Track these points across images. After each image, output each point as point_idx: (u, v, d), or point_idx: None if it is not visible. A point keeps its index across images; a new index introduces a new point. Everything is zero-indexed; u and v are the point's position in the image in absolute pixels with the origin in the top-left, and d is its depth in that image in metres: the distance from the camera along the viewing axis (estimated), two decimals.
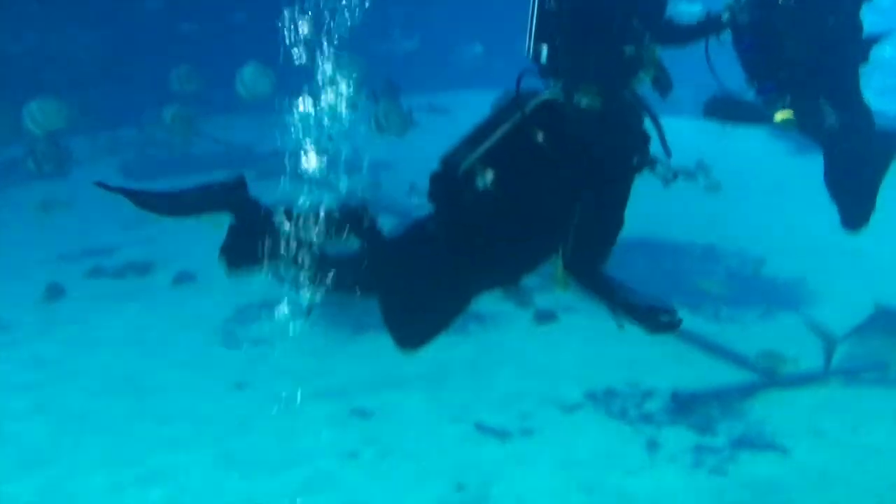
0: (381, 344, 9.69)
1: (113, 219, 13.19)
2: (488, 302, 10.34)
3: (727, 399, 7.83)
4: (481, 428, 7.45)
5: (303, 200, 3.78)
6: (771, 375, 8.06)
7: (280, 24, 4.39)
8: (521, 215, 3.61)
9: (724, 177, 14.16)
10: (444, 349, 9.58)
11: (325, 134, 4.19)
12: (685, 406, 7.69)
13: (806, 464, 6.63)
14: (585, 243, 3.70)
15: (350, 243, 3.74)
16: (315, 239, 3.59)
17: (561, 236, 3.71)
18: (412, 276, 3.69)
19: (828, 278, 10.79)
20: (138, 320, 9.84)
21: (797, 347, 8.35)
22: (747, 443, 7.04)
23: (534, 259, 3.81)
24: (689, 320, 9.89)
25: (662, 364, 8.81)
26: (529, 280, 11.24)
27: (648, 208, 4.77)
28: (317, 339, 9.65)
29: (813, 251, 11.59)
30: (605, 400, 8.03)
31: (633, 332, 10.49)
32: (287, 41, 4.41)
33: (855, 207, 5.36)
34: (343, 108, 4.27)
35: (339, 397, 8.01)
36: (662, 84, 3.68)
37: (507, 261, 3.75)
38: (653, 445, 7.07)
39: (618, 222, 3.81)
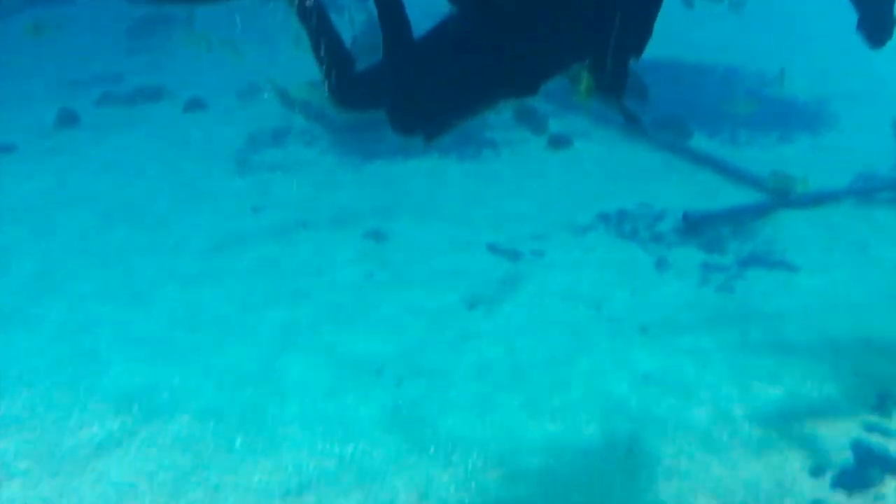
0: (394, 171, 9.76)
1: (116, 45, 12.92)
2: (503, 128, 10.27)
3: (739, 219, 7.87)
4: (494, 249, 7.58)
5: None
6: (784, 195, 8.05)
7: None
8: (548, 13, 3.44)
9: None
10: (457, 175, 9.67)
11: None
12: (696, 226, 7.74)
13: (812, 280, 6.74)
14: (620, 53, 3.55)
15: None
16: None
17: (589, 42, 3.55)
18: (433, 75, 3.56)
19: (847, 102, 10.55)
20: (151, 147, 9.86)
21: (811, 170, 8.31)
22: (755, 261, 7.13)
23: (556, 64, 3.67)
24: (707, 143, 9.89)
25: (676, 187, 8.82)
26: (545, 105, 11.09)
27: (672, 26, 4.61)
28: (329, 166, 9.68)
29: (833, 74, 11.28)
30: (616, 221, 8.11)
31: (647, 157, 10.47)
32: None
33: (878, 22, 5.15)
34: None
35: (352, 221, 8.13)
36: None
37: (530, 62, 3.60)
38: (662, 264, 7.18)
39: (649, 32, 3.63)
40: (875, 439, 4.67)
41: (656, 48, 3.97)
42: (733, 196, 8.35)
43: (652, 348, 5.78)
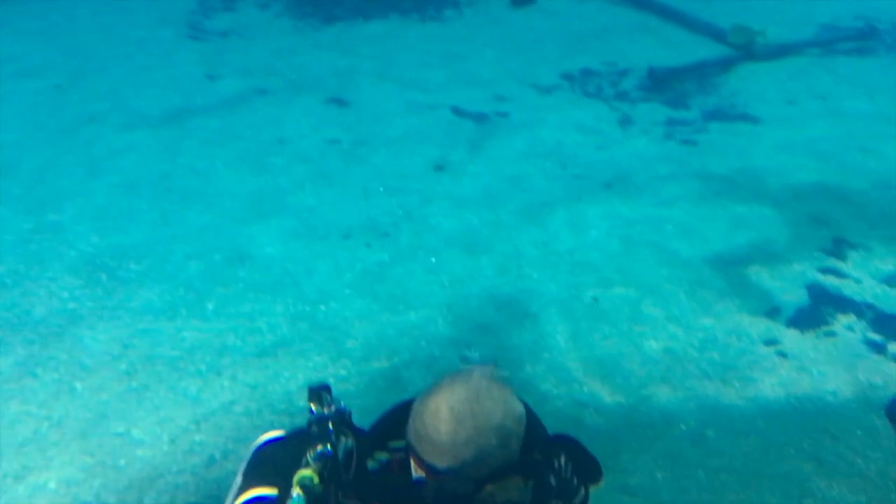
0: (353, 34, 9.46)
1: None
2: None
3: (703, 73, 7.83)
4: (458, 112, 7.50)
5: None
6: (748, 49, 7.99)
7: None
8: None
9: None
10: (419, 36, 9.42)
11: None
12: (661, 82, 7.70)
13: (773, 131, 6.79)
14: None
15: None
16: None
17: None
18: None
19: None
20: (93, 14, 9.44)
21: (775, 21, 8.21)
22: (719, 114, 7.15)
23: None
24: None
25: (641, 43, 8.70)
26: None
27: None
28: (285, 29, 9.36)
29: None
30: (581, 80, 8.03)
31: (612, 13, 10.24)
32: None
33: None
34: None
35: (313, 87, 7.95)
36: None
37: None
38: (627, 121, 7.18)
39: None
40: (829, 281, 4.84)
41: None
42: (698, 50, 8.28)
43: (616, 202, 5.85)
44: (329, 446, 1.76)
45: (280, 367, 4.31)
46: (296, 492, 1.69)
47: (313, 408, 1.91)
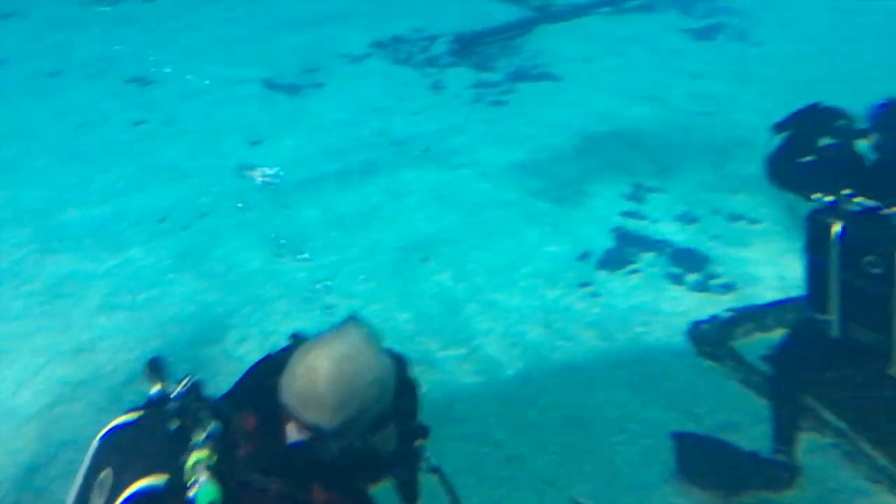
0: (146, 9, 9.03)
1: None
2: None
3: (506, 37, 8.13)
4: (271, 85, 7.39)
5: None
6: (544, 10, 8.37)
7: None
8: None
9: None
10: (221, 11, 9.13)
11: None
12: (468, 47, 7.93)
13: (574, 87, 7.18)
14: None
15: None
16: None
17: None
18: None
19: None
20: None
21: None
22: (523, 75, 7.47)
23: None
24: None
25: (446, 9, 8.89)
26: None
27: None
28: (64, 4, 8.81)
29: None
30: (392, 48, 8.11)
31: None
32: None
33: None
34: None
35: (111, 67, 7.56)
36: None
37: None
38: (438, 86, 7.35)
39: None
40: (631, 223, 5.24)
41: None
42: (500, 14, 8.58)
43: (433, 165, 6.01)
44: (215, 425, 1.71)
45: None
46: (203, 476, 1.63)
47: (160, 386, 1.85)
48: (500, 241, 5.06)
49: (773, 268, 4.63)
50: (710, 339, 4.13)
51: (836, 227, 2.85)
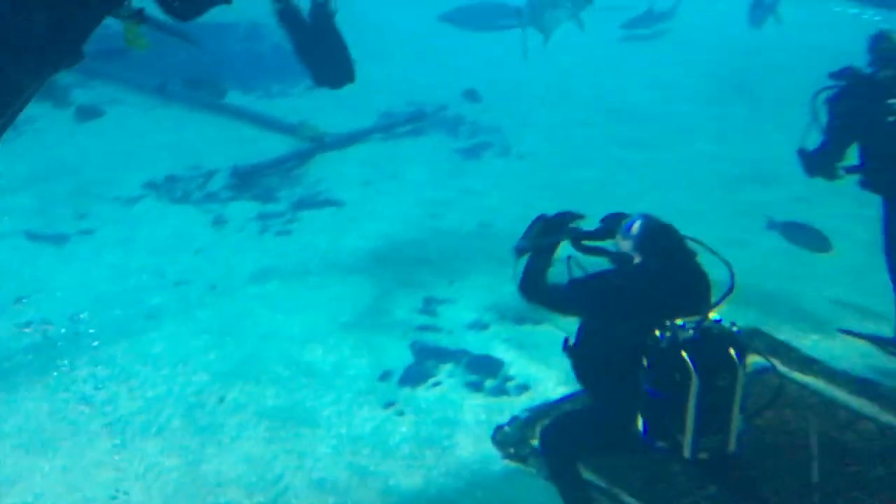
0: None
1: None
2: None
3: (285, 167, 8.22)
4: (33, 237, 6.93)
5: None
6: (321, 140, 8.59)
7: None
8: None
9: None
10: None
11: None
12: (247, 179, 7.92)
13: (356, 209, 7.36)
14: None
15: None
16: None
17: None
18: None
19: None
20: None
21: (341, 113, 8.96)
22: (307, 203, 7.55)
23: None
24: (242, 98, 10.05)
25: (222, 144, 8.87)
26: (65, 76, 10.24)
27: None
28: None
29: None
30: (167, 187, 7.92)
31: (188, 118, 10.19)
32: None
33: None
34: None
35: None
36: None
37: None
38: (220, 221, 7.24)
39: None
40: (428, 336, 5.35)
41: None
42: (278, 146, 8.67)
43: (224, 301, 5.85)
44: None
45: None
46: None
47: None
48: (295, 376, 4.97)
49: (559, 363, 4.88)
50: (513, 440, 4.24)
51: None
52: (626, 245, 3.22)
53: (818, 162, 4.70)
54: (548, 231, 3.39)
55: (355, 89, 7.98)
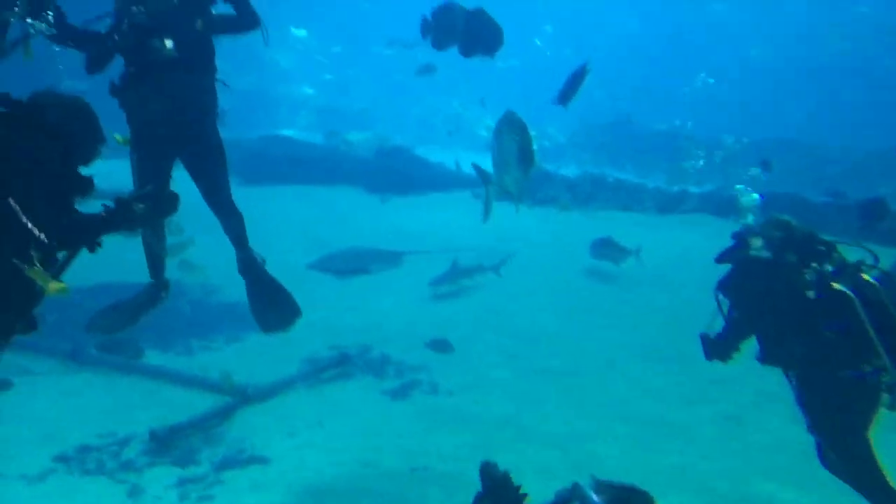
0: None
1: None
2: None
3: (206, 426, 7.89)
4: None
5: None
6: (243, 394, 8.35)
7: None
8: None
9: None
10: None
11: None
12: (165, 443, 7.53)
13: (283, 463, 7.03)
14: None
15: None
16: None
17: None
18: None
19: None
20: None
21: (262, 362, 8.83)
22: (230, 463, 7.18)
23: None
24: (161, 357, 9.83)
25: (138, 408, 8.50)
26: None
27: None
28: None
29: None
30: (78, 458, 7.44)
31: (102, 383, 9.88)
32: None
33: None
34: None
35: None
36: None
37: None
38: (136, 491, 6.77)
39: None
40: None
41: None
42: (198, 403, 8.37)
43: None
44: None
45: None
46: None
47: None
48: None
49: None
50: None
51: None
52: None
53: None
54: None
55: (276, 338, 8.01)
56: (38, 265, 2.91)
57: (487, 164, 6.32)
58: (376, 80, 31.36)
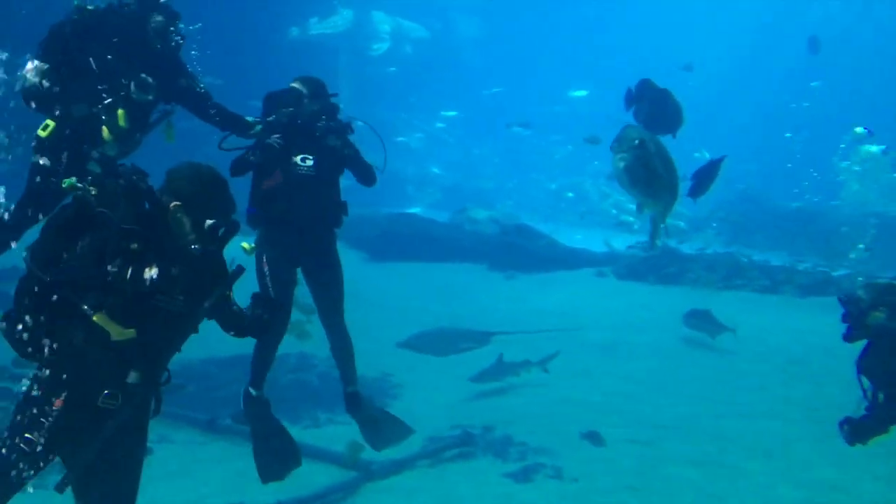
0: None
1: None
2: None
3: (330, 500, 7.95)
4: None
5: None
6: (366, 469, 8.38)
7: None
8: None
9: None
10: None
11: None
12: None
13: None
14: None
15: None
16: None
17: None
18: None
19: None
20: None
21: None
22: None
23: None
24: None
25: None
26: None
27: None
28: None
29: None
30: None
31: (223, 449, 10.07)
32: None
33: None
34: None
35: None
36: None
37: None
38: None
39: None
40: None
41: None
42: (322, 479, 8.41)
43: None
44: None
45: None
46: None
47: None
48: None
49: None
50: None
51: None
52: None
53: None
54: None
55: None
56: None
57: (617, 243, 6.28)
58: (503, 158, 31.85)
